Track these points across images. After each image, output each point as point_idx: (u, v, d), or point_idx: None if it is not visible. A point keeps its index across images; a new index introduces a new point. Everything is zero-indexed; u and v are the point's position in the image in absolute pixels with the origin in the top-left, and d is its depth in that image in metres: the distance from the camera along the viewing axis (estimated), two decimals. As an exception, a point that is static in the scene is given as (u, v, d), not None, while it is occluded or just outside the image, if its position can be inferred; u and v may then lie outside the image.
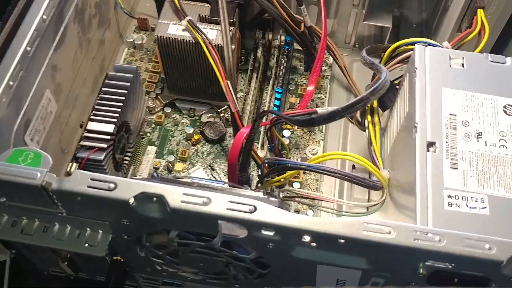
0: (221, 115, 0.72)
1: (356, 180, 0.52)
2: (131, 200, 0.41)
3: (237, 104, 0.62)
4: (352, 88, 0.72)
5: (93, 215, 0.45)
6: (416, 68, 0.50)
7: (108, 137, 0.59)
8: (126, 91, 0.62)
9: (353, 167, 0.61)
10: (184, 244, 0.46)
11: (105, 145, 0.59)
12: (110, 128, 0.60)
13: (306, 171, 0.59)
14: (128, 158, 0.67)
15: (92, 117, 0.61)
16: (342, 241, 0.41)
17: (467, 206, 0.44)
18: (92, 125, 0.60)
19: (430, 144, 0.47)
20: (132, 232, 0.47)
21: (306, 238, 0.43)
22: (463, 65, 0.51)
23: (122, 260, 0.53)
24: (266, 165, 0.60)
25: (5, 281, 0.65)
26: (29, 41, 0.52)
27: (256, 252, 0.45)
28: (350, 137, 0.72)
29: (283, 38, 0.77)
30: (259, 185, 0.61)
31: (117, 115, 0.61)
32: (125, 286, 0.62)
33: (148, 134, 0.72)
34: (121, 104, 0.61)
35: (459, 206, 0.44)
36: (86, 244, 0.47)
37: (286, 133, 0.70)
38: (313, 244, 0.43)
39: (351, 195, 0.66)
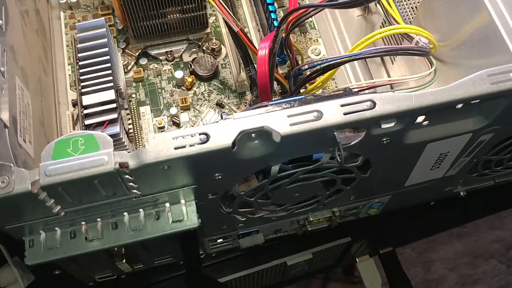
0: (204, 47, 0.64)
1: (410, 50, 0.48)
2: (231, 145, 0.34)
3: (237, 22, 0.54)
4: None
5: (176, 184, 0.37)
6: None
7: (114, 105, 0.49)
8: (106, 49, 0.52)
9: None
10: (288, 176, 0.39)
11: (115, 115, 0.49)
12: (110, 95, 0.49)
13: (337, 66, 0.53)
14: (130, 126, 0.57)
15: (83, 90, 0.50)
16: (460, 105, 0.37)
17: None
18: (87, 99, 0.49)
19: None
20: (222, 186, 0.39)
21: (420, 119, 0.38)
22: None
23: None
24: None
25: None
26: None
27: (364, 155, 0.40)
28: (344, 27, 0.66)
29: None
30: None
31: (110, 78, 0.50)
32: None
33: (134, 95, 0.61)
34: (108, 64, 0.51)
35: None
36: (173, 222, 0.39)
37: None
38: (425, 122, 0.39)
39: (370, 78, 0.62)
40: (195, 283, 0.45)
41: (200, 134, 0.34)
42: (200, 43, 0.64)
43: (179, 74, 0.61)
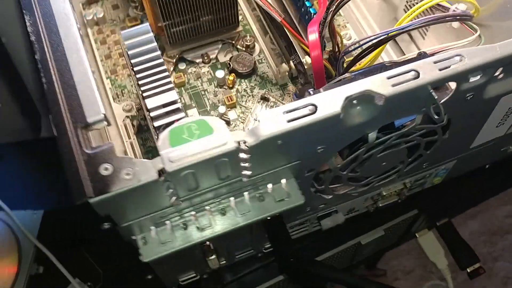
0: (238, 45, 0.65)
1: (455, 16, 0.50)
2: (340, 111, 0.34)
3: (279, 11, 0.55)
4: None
5: (283, 161, 0.38)
6: None
7: (179, 105, 0.49)
8: (157, 52, 0.52)
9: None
10: (382, 142, 0.40)
11: (182, 114, 0.49)
12: (173, 95, 0.49)
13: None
14: (186, 128, 0.57)
15: (145, 94, 0.50)
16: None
17: None
18: (151, 102, 0.49)
19: None
20: (320, 160, 0.40)
21: (498, 71, 0.40)
22: None
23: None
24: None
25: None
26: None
27: (449, 113, 0.42)
28: (367, 12, 0.68)
29: None
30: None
31: (168, 79, 0.50)
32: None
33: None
34: (163, 67, 0.51)
35: None
36: (278, 201, 0.39)
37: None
38: (501, 75, 0.41)
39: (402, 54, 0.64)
40: (292, 265, 0.45)
41: (308, 106, 0.34)
42: (233, 42, 0.65)
43: (220, 73, 0.62)
